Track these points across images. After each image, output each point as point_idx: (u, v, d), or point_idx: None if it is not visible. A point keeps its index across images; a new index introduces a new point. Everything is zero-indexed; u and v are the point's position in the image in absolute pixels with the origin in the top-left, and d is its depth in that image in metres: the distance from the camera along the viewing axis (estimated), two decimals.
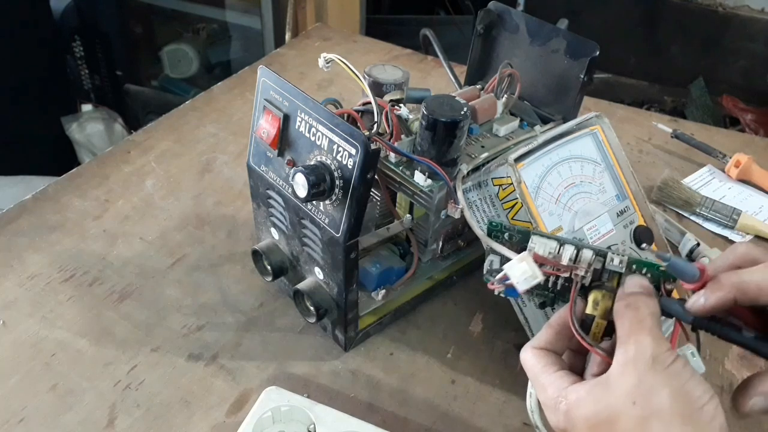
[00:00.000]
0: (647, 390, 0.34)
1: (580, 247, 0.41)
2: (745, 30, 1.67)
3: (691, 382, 0.34)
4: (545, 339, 0.41)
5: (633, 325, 0.37)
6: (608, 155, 0.56)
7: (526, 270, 0.40)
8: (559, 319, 0.41)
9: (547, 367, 0.39)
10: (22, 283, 0.61)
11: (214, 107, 0.89)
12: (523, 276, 0.40)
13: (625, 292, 0.39)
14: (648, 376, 0.35)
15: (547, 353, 0.40)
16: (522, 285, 0.40)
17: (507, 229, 0.43)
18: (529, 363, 0.40)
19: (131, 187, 0.74)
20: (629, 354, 0.36)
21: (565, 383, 0.38)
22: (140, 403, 0.51)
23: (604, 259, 0.41)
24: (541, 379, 0.39)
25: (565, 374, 0.38)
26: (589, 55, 0.57)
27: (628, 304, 0.38)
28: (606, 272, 0.41)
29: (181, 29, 1.74)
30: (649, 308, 0.38)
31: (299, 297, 0.55)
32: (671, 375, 0.35)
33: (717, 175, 0.83)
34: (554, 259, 0.41)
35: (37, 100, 1.50)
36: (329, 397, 0.53)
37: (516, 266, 0.41)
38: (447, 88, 0.67)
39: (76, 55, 1.66)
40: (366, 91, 0.51)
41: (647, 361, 0.35)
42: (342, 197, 0.46)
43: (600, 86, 1.73)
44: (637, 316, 0.37)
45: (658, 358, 0.35)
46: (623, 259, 0.40)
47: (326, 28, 1.20)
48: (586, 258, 0.40)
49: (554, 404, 0.37)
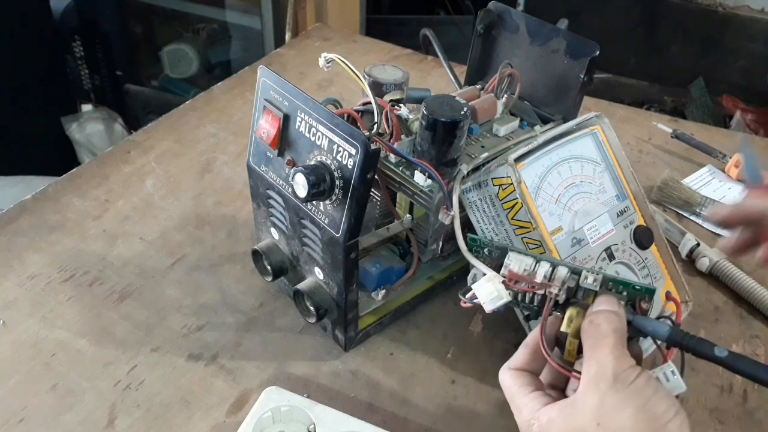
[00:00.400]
0: (609, 409, 0.34)
1: (555, 265, 0.41)
2: (745, 30, 1.67)
3: (654, 399, 0.34)
4: (521, 360, 0.41)
5: (595, 342, 0.37)
6: (608, 155, 0.56)
7: (492, 291, 0.41)
8: (534, 338, 0.41)
9: (522, 389, 0.40)
10: (22, 283, 0.61)
11: (214, 107, 0.89)
12: (489, 296, 0.41)
13: (591, 310, 0.39)
14: (609, 395, 0.35)
15: (523, 374, 0.41)
16: (488, 305, 0.42)
17: (486, 245, 0.44)
18: (506, 384, 0.41)
19: (131, 187, 0.74)
20: (591, 373, 0.36)
21: (538, 405, 0.38)
22: (140, 403, 0.51)
23: (578, 277, 0.41)
24: (517, 401, 0.39)
25: (540, 395, 0.39)
26: (589, 55, 0.57)
27: (590, 321, 0.38)
28: (581, 290, 0.41)
29: (181, 29, 1.74)
30: (612, 324, 0.38)
31: (299, 297, 0.55)
32: (633, 393, 0.35)
33: (717, 175, 0.83)
34: (529, 276, 0.41)
35: (37, 100, 1.50)
36: (329, 397, 0.53)
37: (483, 286, 0.42)
38: (447, 88, 0.67)
39: (76, 55, 1.66)
40: (366, 91, 0.51)
41: (609, 379, 0.35)
42: (342, 197, 0.46)
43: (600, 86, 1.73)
44: (599, 333, 0.37)
45: (619, 376, 0.35)
46: (597, 278, 0.41)
47: (326, 28, 1.20)
48: (560, 276, 0.41)
49: (528, 426, 0.38)
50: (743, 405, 0.55)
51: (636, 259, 0.55)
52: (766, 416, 0.54)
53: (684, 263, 0.68)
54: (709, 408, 0.54)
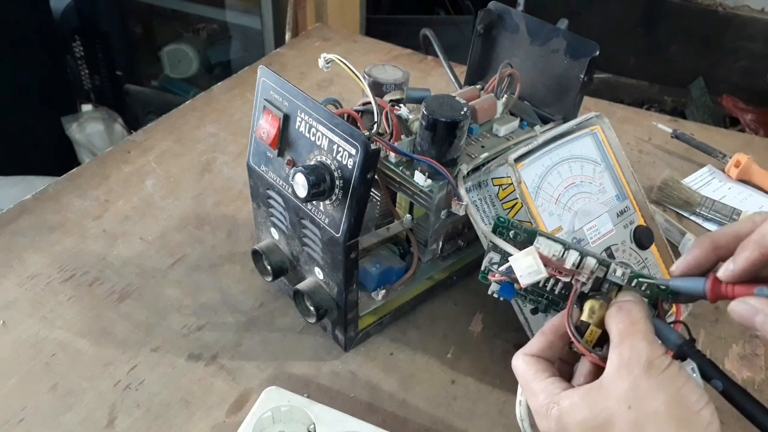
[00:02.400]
0: (642, 394, 0.34)
1: (584, 254, 0.41)
2: (745, 30, 1.67)
3: (687, 387, 0.34)
4: (537, 346, 0.41)
5: (627, 327, 0.37)
6: (608, 155, 0.56)
7: (531, 264, 0.40)
8: (552, 327, 0.41)
9: (538, 374, 0.39)
10: (22, 283, 0.61)
11: (214, 107, 0.89)
12: (528, 270, 0.40)
13: (617, 300, 0.39)
14: (643, 380, 0.34)
15: (539, 360, 0.40)
16: (525, 279, 0.40)
17: (513, 227, 0.43)
18: (520, 369, 0.40)
19: (131, 187, 0.74)
20: (624, 357, 0.35)
21: (557, 389, 0.37)
22: (140, 403, 0.51)
23: (607, 269, 0.41)
24: (533, 386, 0.39)
25: (557, 380, 0.38)
26: (589, 55, 0.57)
27: (620, 308, 0.38)
28: (606, 282, 0.41)
29: (181, 29, 1.74)
30: (643, 312, 0.38)
31: (299, 297, 0.55)
32: (667, 379, 0.34)
33: (717, 175, 0.83)
34: (558, 262, 0.41)
35: (37, 100, 1.50)
36: (329, 397, 0.53)
37: (522, 259, 0.40)
38: (447, 88, 0.67)
39: (76, 55, 1.66)
40: (366, 91, 0.51)
41: (642, 365, 0.35)
42: (342, 197, 0.46)
43: (600, 86, 1.73)
44: (631, 319, 0.37)
45: (654, 362, 0.35)
46: (626, 272, 0.40)
47: (326, 28, 1.20)
48: (589, 265, 0.40)
49: (546, 410, 0.37)
50: None
51: (636, 259, 0.55)
52: None
53: None
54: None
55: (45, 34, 1.48)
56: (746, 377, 0.57)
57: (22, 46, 1.41)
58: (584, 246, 0.53)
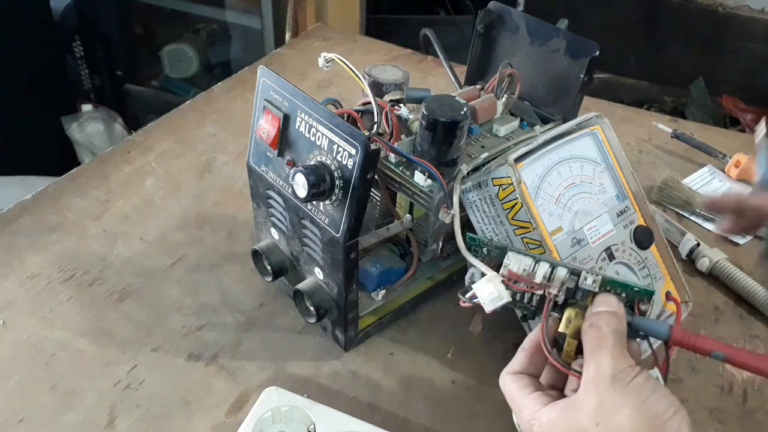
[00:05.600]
0: (608, 409, 0.35)
1: (555, 266, 0.41)
2: (745, 30, 1.67)
3: (653, 398, 0.35)
4: (519, 363, 0.42)
5: (594, 344, 0.37)
6: (608, 155, 0.56)
7: (492, 291, 0.41)
8: (530, 342, 0.42)
9: (522, 390, 0.40)
10: (22, 283, 0.61)
11: (214, 107, 0.89)
12: (490, 297, 0.41)
13: (592, 312, 0.40)
14: (608, 395, 0.35)
15: (522, 377, 0.41)
16: (489, 305, 0.42)
17: (485, 244, 0.44)
18: (506, 388, 0.41)
19: (131, 187, 0.74)
20: (590, 374, 0.36)
21: (539, 405, 0.38)
22: (140, 403, 0.51)
23: (578, 278, 0.41)
24: (518, 402, 0.40)
25: (540, 395, 0.39)
26: (589, 55, 0.57)
27: (591, 324, 0.39)
28: (580, 291, 0.41)
29: (181, 29, 1.74)
30: (611, 326, 0.38)
31: (299, 297, 0.55)
32: (631, 392, 0.35)
33: (717, 175, 0.83)
34: (528, 277, 0.41)
35: (37, 100, 1.50)
36: (329, 397, 0.53)
37: (483, 286, 0.42)
38: (447, 88, 0.67)
39: (76, 55, 1.66)
40: (366, 91, 0.51)
41: (607, 380, 0.35)
42: (342, 197, 0.46)
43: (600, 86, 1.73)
44: (599, 335, 0.38)
45: (618, 375, 0.35)
46: (597, 279, 0.41)
47: (326, 28, 1.20)
48: (559, 277, 0.41)
49: (528, 427, 0.38)
50: (743, 405, 0.55)
51: (636, 259, 0.55)
52: (766, 416, 0.54)
53: (684, 263, 0.68)
54: (709, 408, 0.54)
55: (45, 34, 1.48)
56: (746, 377, 0.57)
57: (22, 46, 1.41)
58: (584, 246, 0.53)
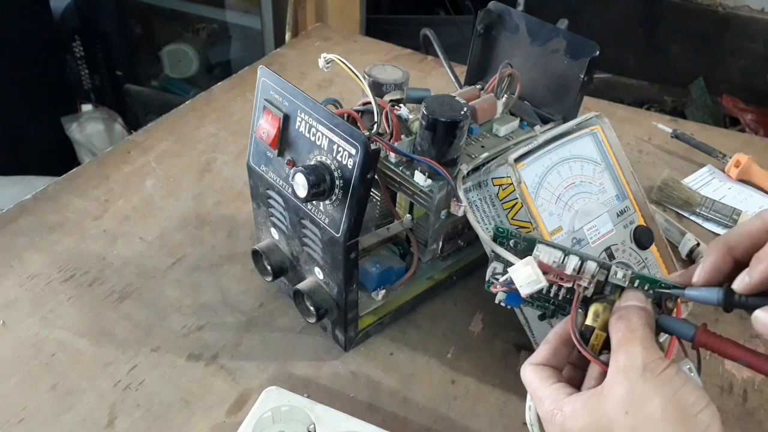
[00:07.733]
0: (638, 398, 0.34)
1: (584, 259, 0.41)
2: (745, 30, 1.67)
3: (684, 389, 0.34)
4: (543, 355, 0.41)
5: (624, 335, 0.37)
6: (608, 155, 0.56)
7: (530, 274, 0.40)
8: (556, 335, 0.41)
9: (544, 381, 0.40)
10: (22, 283, 0.61)
11: (214, 107, 0.89)
12: (527, 280, 0.40)
13: (620, 305, 0.39)
14: (638, 385, 0.35)
15: (544, 368, 0.41)
16: (525, 289, 0.41)
17: (513, 236, 0.43)
18: (528, 378, 0.41)
19: (131, 187, 0.74)
20: (620, 363, 0.36)
21: (562, 395, 0.38)
22: (140, 403, 0.51)
23: (608, 272, 0.41)
24: (539, 393, 0.39)
25: (562, 386, 0.39)
26: (589, 55, 0.57)
27: (620, 316, 0.38)
28: (608, 285, 0.41)
29: (181, 29, 1.74)
30: (642, 319, 0.38)
31: (299, 297, 0.55)
32: (662, 383, 0.34)
33: (717, 175, 0.83)
34: (558, 268, 0.41)
35: (37, 100, 1.50)
36: (329, 397, 0.53)
37: (520, 270, 0.41)
38: (447, 88, 0.67)
39: (76, 55, 1.65)
40: (366, 91, 0.51)
41: (638, 369, 0.35)
42: (342, 197, 0.46)
43: (600, 86, 1.73)
44: (629, 327, 0.37)
45: (649, 366, 0.35)
46: (627, 273, 0.40)
47: (326, 28, 1.20)
48: (589, 270, 0.41)
49: (551, 417, 0.38)
50: (743, 405, 0.55)
51: (636, 259, 0.56)
52: (766, 416, 0.54)
53: (684, 263, 0.68)
54: None
55: (45, 34, 1.48)
56: (746, 377, 0.57)
57: (22, 46, 1.41)
58: (584, 246, 0.53)
